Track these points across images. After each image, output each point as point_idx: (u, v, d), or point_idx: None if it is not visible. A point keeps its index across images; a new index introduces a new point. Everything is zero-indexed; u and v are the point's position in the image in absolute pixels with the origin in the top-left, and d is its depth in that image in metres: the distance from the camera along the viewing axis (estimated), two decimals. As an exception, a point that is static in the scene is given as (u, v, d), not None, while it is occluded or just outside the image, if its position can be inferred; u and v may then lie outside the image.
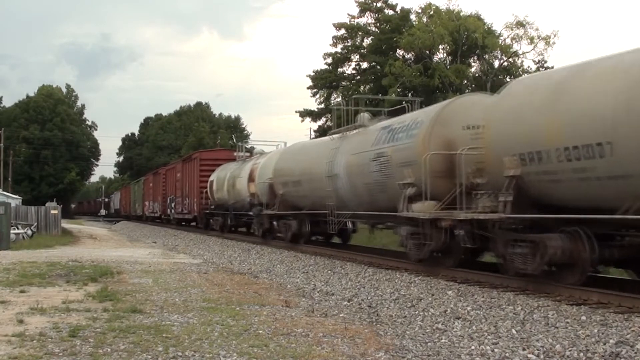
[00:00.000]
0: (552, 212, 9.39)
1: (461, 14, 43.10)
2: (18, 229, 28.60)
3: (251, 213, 23.46)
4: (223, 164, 30.34)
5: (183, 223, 40.10)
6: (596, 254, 8.97)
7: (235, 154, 30.29)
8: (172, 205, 39.56)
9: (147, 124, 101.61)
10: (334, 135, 17.65)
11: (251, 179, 23.96)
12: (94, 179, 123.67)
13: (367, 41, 48.67)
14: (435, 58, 44.23)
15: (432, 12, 43.39)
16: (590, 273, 9.69)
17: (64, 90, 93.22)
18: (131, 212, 63.84)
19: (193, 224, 37.97)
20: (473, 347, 7.38)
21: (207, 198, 31.12)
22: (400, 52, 45.79)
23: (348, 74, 50.19)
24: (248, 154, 29.29)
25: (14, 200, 35.98)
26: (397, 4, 48.17)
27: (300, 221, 19.64)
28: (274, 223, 21.86)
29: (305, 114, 51.55)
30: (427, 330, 8.47)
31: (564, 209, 9.28)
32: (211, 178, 30.46)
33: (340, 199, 15.93)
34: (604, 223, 8.81)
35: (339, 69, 50.14)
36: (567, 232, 9.13)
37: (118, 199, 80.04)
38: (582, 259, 9.09)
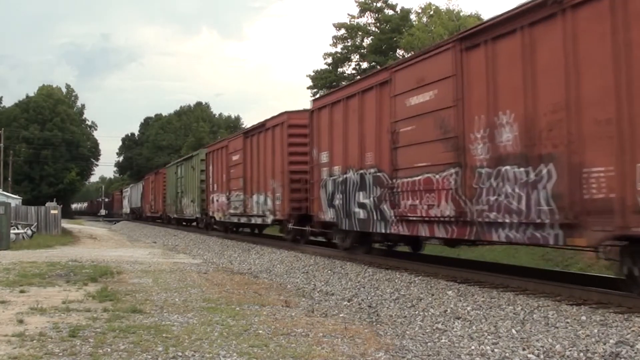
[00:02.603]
0: None
1: (461, 14, 43.07)
2: (18, 229, 28.61)
3: None
4: None
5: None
6: None
7: None
8: (378, 200, 13.30)
9: (147, 124, 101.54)
10: None
11: None
12: (94, 179, 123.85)
13: (367, 41, 48.65)
14: (435, 58, 44.19)
15: (432, 12, 43.37)
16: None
17: (64, 90, 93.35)
18: (166, 213, 40.94)
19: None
20: (473, 347, 7.38)
21: None
22: (400, 52, 45.75)
23: (348, 74, 50.15)
24: None
25: (14, 200, 36.00)
26: (397, 4, 48.21)
27: None
28: None
29: (305, 113, 51.53)
30: (427, 330, 8.47)
31: None
32: None
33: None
34: None
35: (339, 69, 50.11)
36: None
37: (138, 194, 56.79)
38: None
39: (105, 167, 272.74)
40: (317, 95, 18.16)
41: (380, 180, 12.94)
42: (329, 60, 49.88)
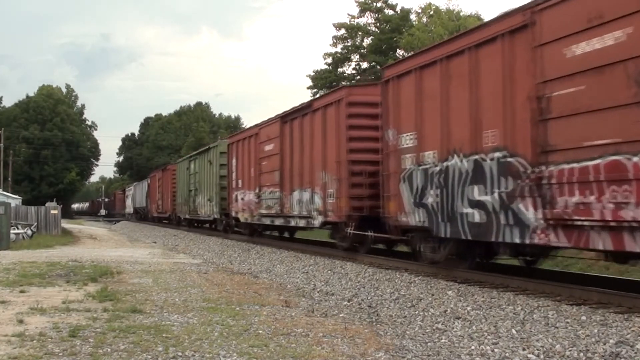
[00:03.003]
0: None
1: (461, 14, 43.11)
2: (18, 229, 28.62)
3: None
4: None
5: None
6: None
7: None
8: None
9: (147, 124, 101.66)
10: None
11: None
12: (94, 179, 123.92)
13: (367, 41, 48.67)
14: (435, 58, 44.21)
15: (432, 12, 43.40)
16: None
17: (64, 90, 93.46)
18: (176, 213, 37.86)
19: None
20: (473, 347, 7.39)
21: None
22: (400, 52, 45.78)
23: (348, 74, 50.17)
24: None
25: (14, 200, 35.99)
26: (397, 4, 48.24)
27: None
28: None
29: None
30: (427, 330, 8.48)
31: None
32: None
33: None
34: None
35: (339, 69, 50.12)
36: None
37: (143, 193, 53.25)
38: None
39: (105, 167, 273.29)
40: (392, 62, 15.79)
41: (512, 168, 9.31)
42: (329, 60, 49.91)
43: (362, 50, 48.85)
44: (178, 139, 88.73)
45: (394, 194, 12.52)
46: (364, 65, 49.56)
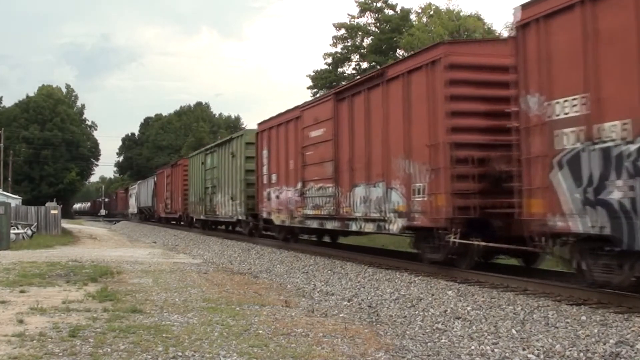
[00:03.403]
0: None
1: (461, 14, 43.12)
2: (18, 229, 28.62)
3: None
4: None
5: None
6: None
7: None
8: None
9: (147, 124, 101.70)
10: None
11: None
12: (94, 179, 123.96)
13: (367, 41, 48.72)
14: (435, 58, 44.20)
15: (432, 12, 43.42)
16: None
17: (64, 90, 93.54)
18: (188, 214, 34.17)
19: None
20: (473, 347, 7.39)
21: None
22: (400, 52, 45.80)
23: (348, 74, 50.20)
24: None
25: (14, 200, 36.01)
26: (397, 4, 48.29)
27: None
28: None
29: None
30: (427, 330, 8.48)
31: None
32: None
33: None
34: None
35: (339, 69, 50.16)
36: None
37: (149, 192, 49.15)
38: None
39: (105, 167, 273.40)
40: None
41: None
42: (329, 60, 49.95)
43: (362, 50, 48.88)
44: (178, 139, 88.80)
45: (540, 186, 8.92)
46: (364, 65, 49.61)
